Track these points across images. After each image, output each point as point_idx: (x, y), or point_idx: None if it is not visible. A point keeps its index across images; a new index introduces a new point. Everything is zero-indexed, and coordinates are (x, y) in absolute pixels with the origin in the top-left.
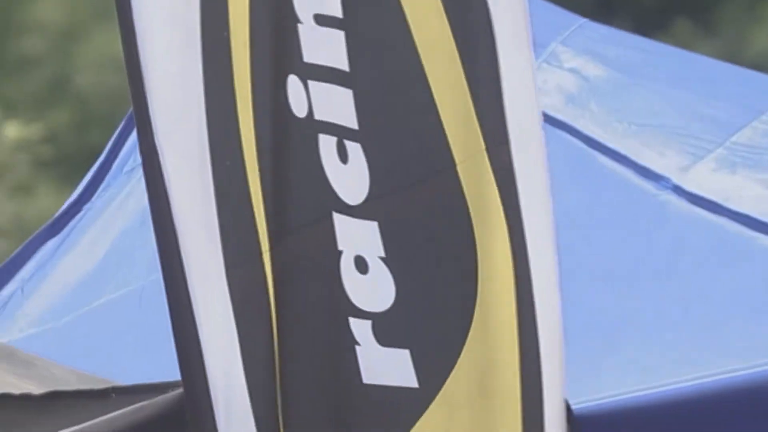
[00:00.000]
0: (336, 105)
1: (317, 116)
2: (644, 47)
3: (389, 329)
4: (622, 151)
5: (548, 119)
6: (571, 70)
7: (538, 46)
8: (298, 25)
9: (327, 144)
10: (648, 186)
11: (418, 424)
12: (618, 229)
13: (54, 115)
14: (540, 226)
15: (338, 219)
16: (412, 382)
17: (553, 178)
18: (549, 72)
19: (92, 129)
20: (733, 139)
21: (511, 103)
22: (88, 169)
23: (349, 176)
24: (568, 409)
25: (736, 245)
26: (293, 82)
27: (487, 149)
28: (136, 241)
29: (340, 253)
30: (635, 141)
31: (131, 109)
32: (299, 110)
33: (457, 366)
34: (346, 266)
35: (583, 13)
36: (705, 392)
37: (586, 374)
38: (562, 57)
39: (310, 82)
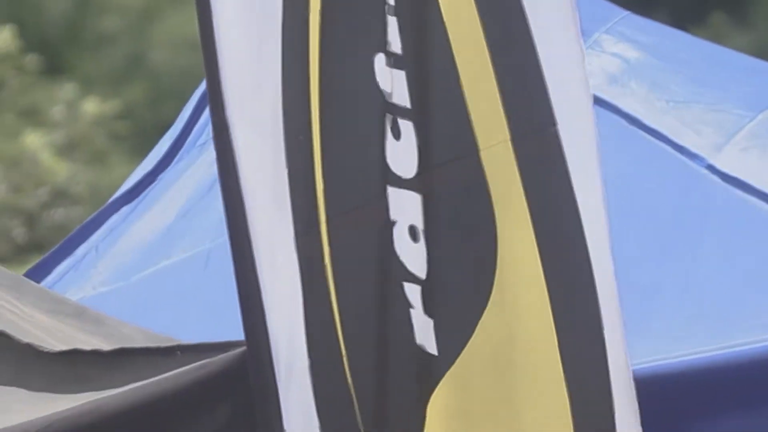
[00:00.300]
0: (394, 84)
1: (387, 98)
2: (681, 38)
3: (427, 297)
4: (661, 129)
5: (595, 99)
6: (614, 54)
7: (583, 34)
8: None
9: (387, 122)
10: (684, 163)
11: (435, 391)
12: (653, 204)
13: (129, 91)
14: (591, 203)
15: (391, 191)
16: (433, 349)
17: None
18: (592, 56)
19: (165, 105)
20: (760, 117)
21: (555, 89)
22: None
23: (401, 152)
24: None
25: (763, 222)
26: (379, 59)
27: (512, 139)
28: (205, 208)
29: (393, 222)
30: (673, 119)
31: (205, 85)
32: (379, 85)
33: (471, 341)
34: (399, 235)
35: (626, 6)
36: (731, 361)
37: None
38: (605, 44)
39: (380, 59)
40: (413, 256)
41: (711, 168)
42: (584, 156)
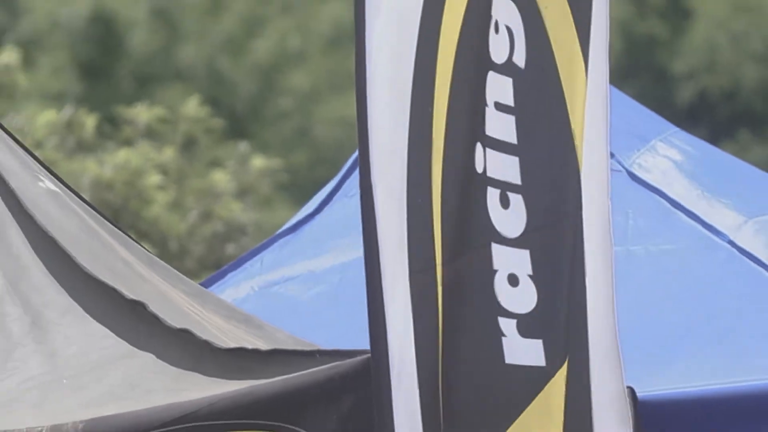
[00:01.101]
0: (504, 167)
1: (489, 174)
2: (713, 150)
3: (529, 326)
4: (695, 211)
5: (648, 186)
6: (665, 157)
7: (644, 140)
8: (485, 107)
9: (493, 194)
10: (710, 238)
11: (543, 391)
12: (685, 268)
13: (294, 155)
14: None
15: (495, 247)
16: (542, 362)
17: (644, 227)
18: (649, 156)
19: (321, 167)
20: None
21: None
22: (315, 194)
23: (508, 217)
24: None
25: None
26: (478, 148)
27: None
28: (348, 240)
29: (495, 271)
30: (705, 205)
31: (356, 153)
32: (478, 168)
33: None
34: (500, 281)
35: (676, 123)
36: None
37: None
38: (659, 148)
39: (488, 150)
40: (510, 297)
41: (731, 243)
42: (601, 240)
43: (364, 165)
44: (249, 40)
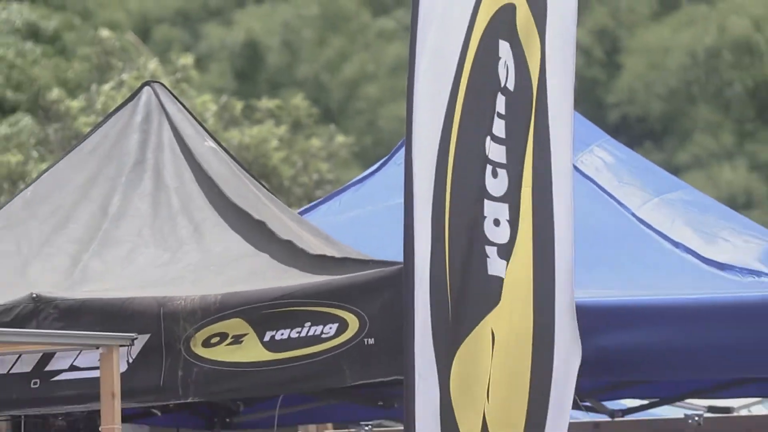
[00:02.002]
0: (498, 153)
1: (490, 157)
2: (632, 153)
3: (504, 251)
4: (613, 193)
5: (585, 176)
6: (599, 157)
7: (585, 144)
8: (495, 114)
9: (488, 170)
10: (620, 211)
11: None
12: (602, 229)
13: (364, 138)
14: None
15: (486, 202)
16: (503, 274)
17: (581, 202)
18: (588, 156)
19: (380, 146)
20: (666, 196)
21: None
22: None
23: (495, 183)
24: None
25: (659, 249)
26: (488, 140)
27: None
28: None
29: (485, 217)
30: (620, 190)
31: (403, 138)
32: (486, 152)
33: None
34: (488, 223)
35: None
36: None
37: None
38: (596, 150)
39: (491, 142)
40: (494, 233)
41: (633, 214)
42: (565, 207)
43: (408, 146)
44: (341, 63)
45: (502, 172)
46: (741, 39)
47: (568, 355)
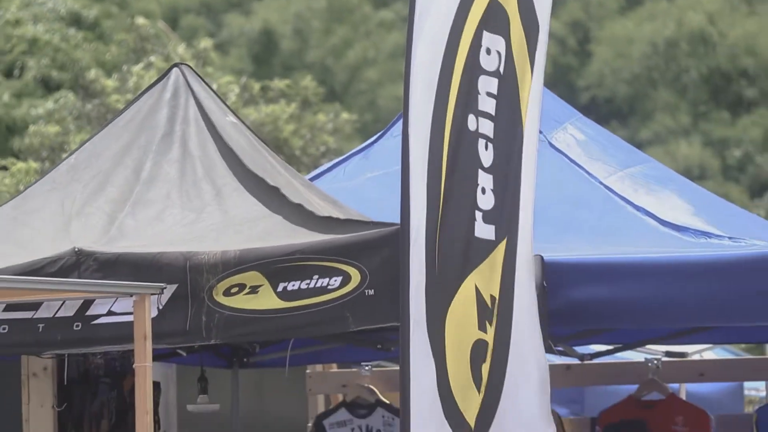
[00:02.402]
0: (488, 128)
1: (480, 131)
2: (601, 129)
3: (488, 216)
4: (582, 164)
5: (559, 151)
6: (571, 134)
7: (558, 122)
8: (478, 95)
9: (481, 143)
10: (590, 180)
11: (491, 254)
12: (573, 194)
13: (365, 114)
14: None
15: (480, 172)
16: (492, 237)
17: (553, 173)
18: (562, 133)
19: (380, 123)
20: (629, 170)
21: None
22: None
23: (486, 156)
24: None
25: (623, 212)
26: (471, 117)
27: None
28: (393, 160)
29: (477, 185)
30: (592, 162)
31: (400, 113)
32: (471, 127)
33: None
34: (479, 191)
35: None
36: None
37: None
38: (569, 128)
39: (480, 118)
40: (483, 199)
41: (601, 183)
42: (531, 173)
43: (405, 120)
44: (345, 50)
45: (490, 146)
46: (696, 31)
47: (529, 305)
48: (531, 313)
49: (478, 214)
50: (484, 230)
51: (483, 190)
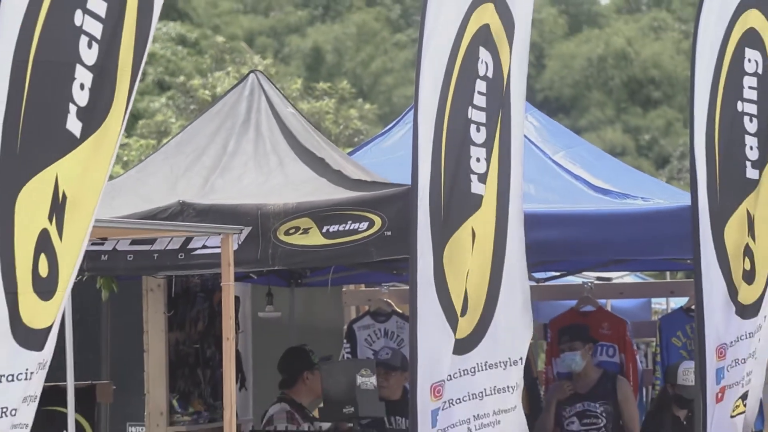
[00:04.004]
0: (481, 115)
1: (473, 119)
2: (549, 122)
3: (482, 179)
4: (539, 145)
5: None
6: (530, 122)
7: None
8: (474, 92)
9: (473, 128)
10: (540, 156)
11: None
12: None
13: (384, 106)
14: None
15: (472, 147)
16: (483, 192)
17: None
18: (525, 122)
19: (395, 114)
20: (571, 149)
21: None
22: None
23: (478, 135)
24: None
25: (567, 184)
26: (470, 109)
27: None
28: (405, 142)
29: (470, 156)
30: (543, 143)
31: (411, 106)
32: (469, 115)
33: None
34: (473, 160)
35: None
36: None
37: None
38: (528, 118)
39: (474, 110)
40: (477, 157)
41: (549, 157)
42: (517, 150)
43: (415, 111)
44: (370, 62)
45: (482, 128)
46: (619, 51)
47: (519, 245)
48: (520, 249)
49: (473, 177)
50: (478, 188)
51: (478, 159)
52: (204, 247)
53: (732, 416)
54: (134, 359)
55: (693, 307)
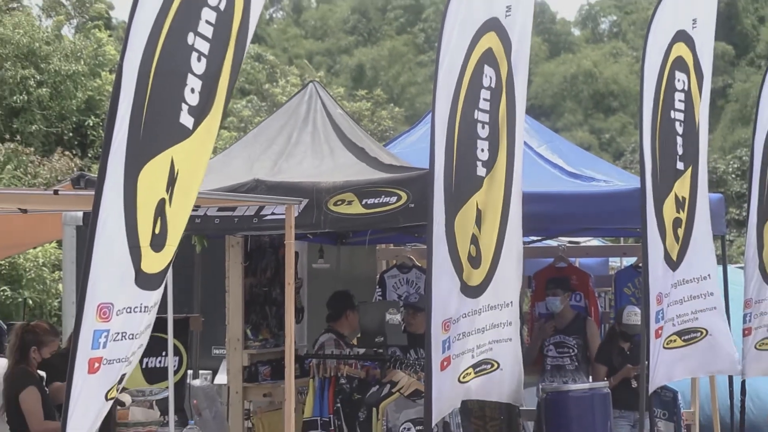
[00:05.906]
0: (485, 115)
1: (479, 119)
2: (534, 122)
3: (486, 163)
4: (526, 141)
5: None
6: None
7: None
8: (479, 99)
9: (479, 126)
10: (527, 153)
11: (486, 181)
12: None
13: (409, 110)
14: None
15: (478, 142)
16: (485, 174)
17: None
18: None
19: (416, 116)
20: (551, 143)
21: (517, 138)
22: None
23: (481, 128)
24: None
25: (547, 173)
26: (477, 111)
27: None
28: (425, 136)
29: (477, 146)
30: (529, 138)
31: (429, 110)
32: (476, 116)
33: (488, 175)
34: (479, 150)
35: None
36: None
37: None
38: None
39: (479, 112)
40: (482, 148)
41: (532, 149)
42: (518, 144)
43: (433, 114)
44: (399, 77)
45: (486, 126)
46: (587, 70)
47: (517, 216)
48: (517, 219)
49: (478, 163)
50: (482, 171)
51: (482, 150)
52: (272, 213)
53: (665, 347)
54: (218, 298)
55: (640, 264)
